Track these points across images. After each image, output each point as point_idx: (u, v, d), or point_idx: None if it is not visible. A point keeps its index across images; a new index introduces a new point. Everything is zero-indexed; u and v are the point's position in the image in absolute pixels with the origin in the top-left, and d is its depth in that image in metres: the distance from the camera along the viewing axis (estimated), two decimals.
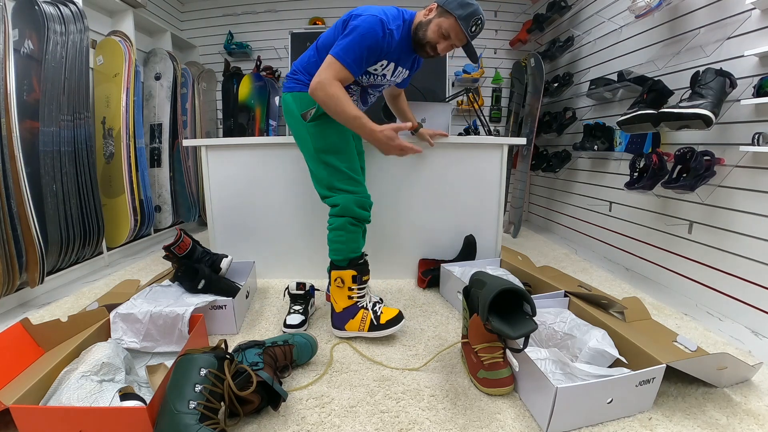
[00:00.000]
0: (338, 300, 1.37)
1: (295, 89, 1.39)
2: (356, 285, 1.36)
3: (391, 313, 1.35)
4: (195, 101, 3.14)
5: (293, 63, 1.46)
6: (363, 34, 1.20)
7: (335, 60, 1.21)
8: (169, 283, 1.51)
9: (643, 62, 1.98)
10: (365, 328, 1.34)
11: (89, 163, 2.01)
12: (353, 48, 1.21)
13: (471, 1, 1.25)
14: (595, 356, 1.08)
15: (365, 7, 1.26)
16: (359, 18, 1.22)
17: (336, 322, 1.38)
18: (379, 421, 0.97)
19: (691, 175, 1.52)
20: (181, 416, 0.80)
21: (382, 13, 1.24)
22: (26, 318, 1.16)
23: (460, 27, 1.25)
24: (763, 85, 1.34)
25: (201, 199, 3.08)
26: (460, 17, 1.23)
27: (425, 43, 1.31)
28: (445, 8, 1.26)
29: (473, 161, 1.88)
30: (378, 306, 1.38)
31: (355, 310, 1.35)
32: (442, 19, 1.27)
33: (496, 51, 3.51)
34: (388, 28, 1.23)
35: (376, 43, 1.23)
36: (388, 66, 1.36)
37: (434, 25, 1.28)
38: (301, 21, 3.44)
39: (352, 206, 1.35)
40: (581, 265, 2.22)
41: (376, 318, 1.34)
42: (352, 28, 1.21)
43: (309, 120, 1.36)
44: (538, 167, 2.98)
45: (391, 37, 1.25)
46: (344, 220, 1.35)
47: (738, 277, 1.50)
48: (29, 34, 1.75)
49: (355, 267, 1.36)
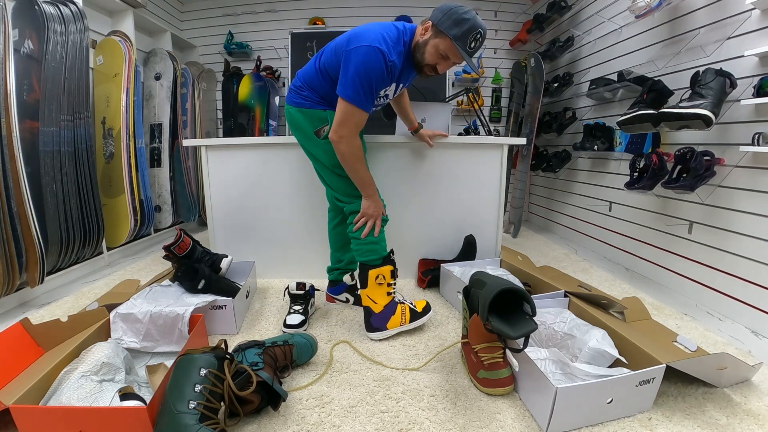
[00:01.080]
0: (378, 299, 1.38)
1: (304, 106, 1.37)
2: (393, 280, 1.41)
3: (423, 303, 1.45)
4: (195, 101, 3.14)
5: (297, 73, 1.43)
6: (367, 71, 1.18)
7: (349, 105, 1.21)
8: (169, 283, 1.51)
9: (643, 62, 1.98)
10: (407, 321, 1.39)
11: (89, 163, 2.01)
12: (362, 87, 1.19)
13: (466, 15, 1.19)
14: (595, 356, 1.08)
15: (365, 32, 1.21)
16: (360, 50, 1.17)
17: (376, 323, 1.37)
18: (379, 421, 0.97)
19: (691, 175, 1.52)
20: (181, 416, 0.80)
21: (382, 41, 1.19)
22: (26, 318, 1.16)
23: (456, 48, 1.20)
24: (763, 85, 1.34)
25: (201, 199, 3.08)
26: (456, 37, 1.19)
27: (425, 65, 1.29)
28: (440, 28, 1.21)
29: (473, 161, 1.88)
30: (408, 300, 1.45)
31: (394, 306, 1.39)
32: (438, 40, 1.22)
33: (496, 51, 3.51)
34: (389, 60, 1.19)
35: (381, 77, 1.21)
36: (391, 87, 1.34)
37: (431, 47, 1.24)
38: (301, 21, 3.44)
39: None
40: (581, 265, 2.22)
41: (413, 308, 1.41)
42: (356, 67, 1.18)
43: (323, 137, 1.36)
44: (538, 167, 2.98)
45: (393, 67, 1.23)
46: None
47: (738, 277, 1.50)
48: (29, 34, 1.75)
49: (387, 261, 1.40)
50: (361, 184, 1.35)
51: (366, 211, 1.38)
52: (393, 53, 1.21)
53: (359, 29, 1.24)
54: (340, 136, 1.25)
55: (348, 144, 1.26)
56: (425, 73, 1.33)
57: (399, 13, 3.39)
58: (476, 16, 1.20)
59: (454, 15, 1.19)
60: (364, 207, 1.38)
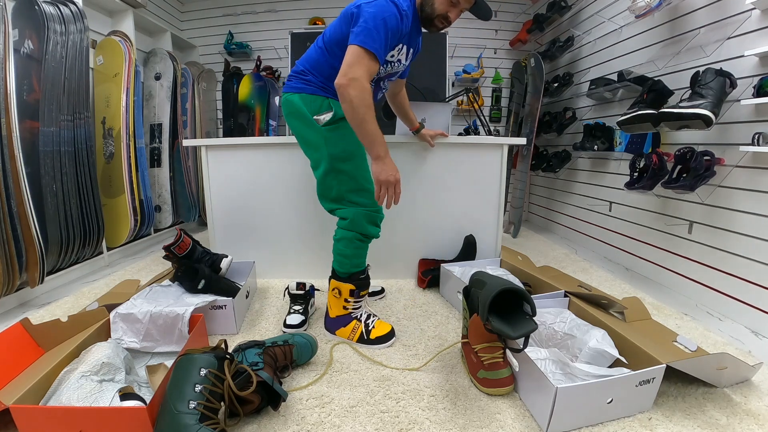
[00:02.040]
0: (333, 307, 1.37)
1: (306, 90, 1.31)
2: (353, 298, 1.34)
3: (383, 330, 1.34)
4: (195, 101, 3.14)
5: (297, 62, 1.38)
6: (384, 17, 1.13)
7: (361, 49, 1.11)
8: (169, 283, 1.51)
9: (643, 62, 1.98)
10: (354, 339, 1.34)
11: (89, 163, 2.01)
12: (377, 33, 1.12)
13: None
14: (595, 356, 1.08)
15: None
16: (372, 3, 1.15)
17: (328, 325, 1.40)
18: (379, 421, 0.96)
19: (691, 175, 1.52)
20: (181, 416, 0.80)
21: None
22: (26, 318, 1.16)
23: None
24: (763, 85, 1.34)
25: (201, 199, 3.08)
26: None
27: (435, 17, 1.26)
28: None
29: (473, 161, 1.88)
30: (372, 319, 1.37)
31: (347, 319, 1.35)
32: None
33: (496, 51, 3.51)
34: (403, 9, 1.18)
35: (397, 25, 1.17)
36: (403, 49, 1.29)
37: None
38: (301, 21, 3.44)
39: (362, 221, 1.29)
40: (581, 265, 2.22)
41: (366, 332, 1.33)
42: (370, 14, 1.13)
43: (324, 124, 1.29)
44: (538, 167, 2.98)
45: (407, 18, 1.20)
46: (352, 234, 1.30)
47: (738, 277, 1.50)
48: (29, 34, 1.75)
49: (355, 281, 1.33)
50: (371, 140, 1.17)
51: (378, 177, 1.19)
52: (404, 4, 1.20)
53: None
54: (349, 78, 1.10)
55: (358, 88, 1.10)
56: (436, 26, 1.29)
57: None
58: None
59: None
60: (375, 172, 1.20)
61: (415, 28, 1.32)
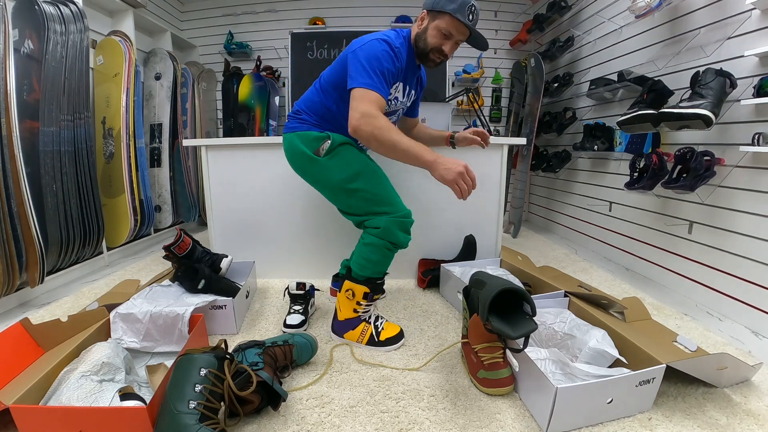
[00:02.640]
0: (343, 309, 1.35)
1: (300, 129, 1.35)
2: (365, 301, 1.33)
3: (393, 331, 1.34)
4: (195, 101, 3.14)
5: (295, 103, 1.42)
6: (378, 57, 1.17)
7: (365, 89, 1.13)
8: (169, 283, 1.51)
9: (643, 62, 1.98)
10: (364, 341, 1.32)
11: (89, 163, 2.01)
12: (374, 72, 1.15)
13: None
14: (595, 356, 1.08)
15: (363, 37, 1.23)
16: (365, 44, 1.20)
17: (336, 328, 1.38)
18: (379, 421, 0.96)
19: (691, 175, 1.52)
20: (181, 416, 0.80)
21: (383, 35, 1.23)
22: (26, 318, 1.16)
23: (457, 20, 1.21)
24: (763, 85, 1.34)
25: (201, 199, 3.08)
26: (454, 11, 1.20)
27: (429, 51, 1.28)
28: (435, 9, 1.23)
29: (473, 161, 1.83)
30: (380, 321, 1.36)
31: (356, 322, 1.34)
32: (437, 21, 1.24)
33: (496, 51, 3.51)
34: (395, 47, 1.22)
35: (392, 61, 1.20)
36: (399, 87, 1.32)
37: (432, 29, 1.25)
38: (301, 21, 3.44)
39: (394, 230, 1.26)
40: (581, 265, 2.22)
41: (376, 333, 1.32)
42: (364, 56, 1.17)
43: (324, 155, 1.31)
44: (538, 167, 2.98)
45: (400, 54, 1.23)
46: (382, 243, 1.26)
47: (738, 277, 1.50)
48: (29, 34, 1.75)
49: (370, 285, 1.31)
50: (413, 156, 1.12)
51: (445, 179, 1.09)
52: (396, 42, 1.24)
53: (357, 39, 1.25)
54: (358, 116, 1.10)
55: (370, 121, 1.09)
56: (432, 61, 1.30)
57: (399, 13, 3.39)
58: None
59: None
60: (439, 178, 1.11)
61: (412, 65, 1.34)
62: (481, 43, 1.30)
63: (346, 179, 1.30)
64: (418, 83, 1.47)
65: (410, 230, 1.31)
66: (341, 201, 1.36)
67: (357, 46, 1.21)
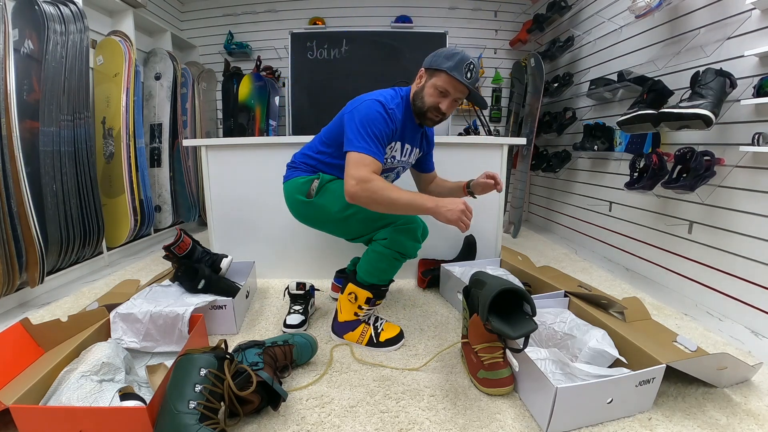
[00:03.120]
0: (344, 311, 1.35)
1: (292, 176, 1.39)
2: (367, 306, 1.33)
3: (392, 332, 1.34)
4: (195, 101, 3.14)
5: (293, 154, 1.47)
6: (370, 119, 1.17)
7: (359, 153, 1.15)
8: (169, 283, 1.51)
9: (643, 62, 1.98)
10: (363, 342, 1.32)
11: (89, 163, 2.01)
12: (367, 135, 1.16)
13: (455, 50, 1.21)
14: (595, 356, 1.08)
15: (361, 96, 1.25)
16: (361, 105, 1.20)
17: (336, 329, 1.38)
18: (379, 421, 0.97)
19: (691, 175, 1.52)
20: (181, 416, 0.80)
21: (379, 95, 1.23)
22: (26, 318, 1.16)
23: (454, 78, 1.19)
24: (763, 85, 1.34)
25: (201, 199, 3.08)
26: (450, 69, 1.18)
27: (426, 110, 1.26)
28: (432, 67, 1.22)
29: (473, 161, 1.88)
30: (380, 322, 1.36)
31: (356, 324, 1.34)
32: (434, 79, 1.22)
33: (496, 51, 3.51)
34: (389, 108, 1.21)
35: (384, 124, 1.19)
36: (396, 146, 1.33)
37: (429, 88, 1.24)
38: (301, 21, 3.44)
39: (400, 238, 1.26)
40: (581, 265, 2.22)
41: (376, 335, 1.32)
42: (359, 119, 1.18)
43: (315, 194, 1.34)
44: (538, 167, 2.98)
45: (394, 116, 1.22)
46: (389, 252, 1.27)
47: (738, 277, 1.50)
48: (29, 34, 1.75)
49: (374, 291, 1.32)
50: (414, 208, 1.16)
51: (449, 218, 1.11)
52: (391, 103, 1.23)
53: (356, 99, 1.26)
54: (352, 182, 1.11)
55: (363, 184, 1.11)
56: (430, 119, 1.29)
57: (399, 13, 3.40)
58: (463, 51, 1.21)
59: (443, 53, 1.21)
60: (444, 219, 1.12)
61: (411, 124, 1.34)
62: (480, 102, 1.28)
63: (340, 209, 1.30)
64: (423, 140, 1.45)
65: (419, 236, 1.30)
66: (343, 230, 1.37)
67: (353, 107, 1.22)
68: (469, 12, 3.44)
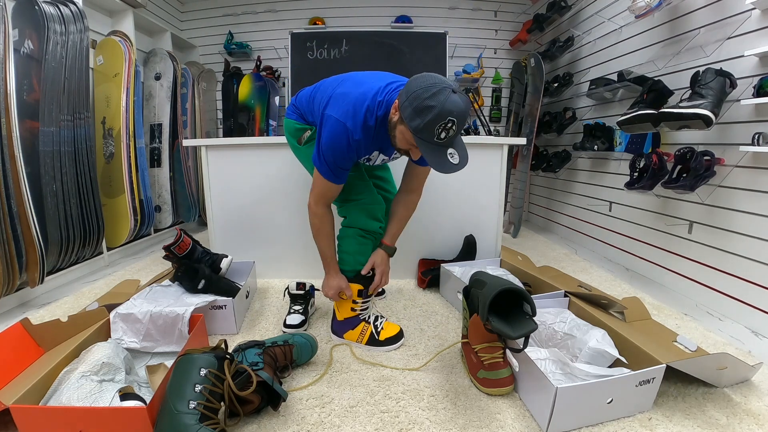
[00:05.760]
0: (341, 309, 1.36)
1: (291, 117, 1.42)
2: (361, 299, 1.34)
3: (392, 331, 1.34)
4: (195, 101, 3.14)
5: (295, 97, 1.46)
6: (331, 146, 1.13)
7: (318, 175, 1.22)
8: (169, 283, 1.51)
9: (643, 62, 1.98)
10: (363, 341, 1.33)
11: (89, 163, 2.01)
12: (326, 161, 1.16)
13: (431, 102, 0.94)
14: (595, 356, 1.08)
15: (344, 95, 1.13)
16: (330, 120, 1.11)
17: (336, 328, 1.38)
18: (379, 421, 0.97)
19: (691, 175, 1.52)
20: (181, 416, 0.80)
21: (352, 116, 1.09)
22: (26, 318, 1.16)
23: (420, 140, 1.00)
24: (763, 85, 1.34)
25: (201, 199, 3.08)
26: (417, 130, 0.98)
27: (397, 149, 1.17)
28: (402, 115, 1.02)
29: (473, 161, 1.83)
30: (380, 320, 1.36)
31: (356, 321, 1.34)
32: (403, 126, 1.04)
33: (496, 51, 3.51)
34: (354, 140, 1.10)
35: (343, 154, 1.14)
36: (375, 154, 1.28)
37: (398, 133, 1.07)
38: (301, 21, 3.44)
39: (360, 216, 1.34)
40: (581, 265, 2.22)
41: (376, 333, 1.33)
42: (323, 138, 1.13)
43: (304, 143, 1.39)
44: (538, 167, 2.98)
45: (358, 146, 1.13)
46: (352, 231, 1.35)
47: (738, 277, 1.50)
48: (29, 34, 1.75)
49: (362, 281, 1.34)
50: (322, 258, 1.33)
51: (322, 287, 1.35)
52: (358, 132, 1.10)
53: (344, 87, 1.16)
54: (310, 204, 1.28)
55: (312, 214, 1.28)
56: (401, 151, 1.18)
57: (399, 13, 3.39)
58: (447, 98, 0.94)
59: (417, 101, 0.96)
60: (322, 287, 1.36)
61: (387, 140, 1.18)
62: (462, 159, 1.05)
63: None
64: None
65: (381, 216, 1.37)
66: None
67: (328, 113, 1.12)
68: (469, 12, 3.44)
